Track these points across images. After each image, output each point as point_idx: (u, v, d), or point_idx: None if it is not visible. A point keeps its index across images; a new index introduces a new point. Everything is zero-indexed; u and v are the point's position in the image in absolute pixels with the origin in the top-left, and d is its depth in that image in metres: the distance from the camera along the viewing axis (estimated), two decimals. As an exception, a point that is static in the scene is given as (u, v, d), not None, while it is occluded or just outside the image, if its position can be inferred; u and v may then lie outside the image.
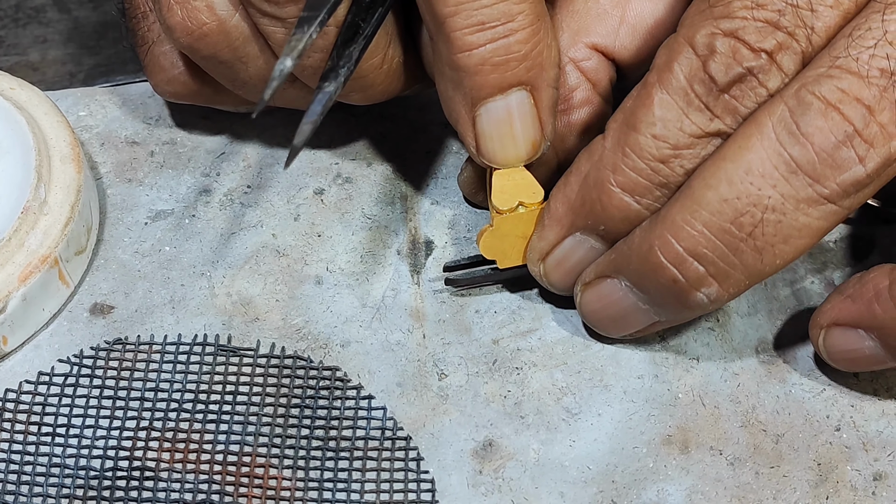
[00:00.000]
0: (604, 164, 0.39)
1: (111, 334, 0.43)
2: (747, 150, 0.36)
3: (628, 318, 0.41)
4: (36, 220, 0.43)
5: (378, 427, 0.41)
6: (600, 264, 0.41)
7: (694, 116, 0.37)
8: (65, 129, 0.45)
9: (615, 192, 0.39)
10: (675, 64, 0.37)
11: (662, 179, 0.38)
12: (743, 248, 0.37)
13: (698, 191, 0.37)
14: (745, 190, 0.36)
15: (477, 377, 0.42)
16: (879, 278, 0.39)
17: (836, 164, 0.36)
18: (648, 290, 0.39)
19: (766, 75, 0.37)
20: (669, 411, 0.42)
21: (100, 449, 0.40)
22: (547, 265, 0.42)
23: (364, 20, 0.39)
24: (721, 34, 0.37)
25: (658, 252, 0.38)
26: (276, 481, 0.40)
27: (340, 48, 0.39)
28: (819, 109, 0.36)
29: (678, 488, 0.40)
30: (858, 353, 0.40)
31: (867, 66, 0.35)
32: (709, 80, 0.37)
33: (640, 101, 0.38)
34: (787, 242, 0.37)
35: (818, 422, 0.41)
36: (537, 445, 0.41)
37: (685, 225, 0.37)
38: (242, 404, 0.41)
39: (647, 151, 0.38)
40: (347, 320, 0.44)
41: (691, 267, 0.37)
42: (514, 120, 0.40)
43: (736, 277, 0.37)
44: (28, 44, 0.51)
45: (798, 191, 0.36)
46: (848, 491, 0.40)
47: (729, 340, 0.43)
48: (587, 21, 0.43)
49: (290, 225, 0.46)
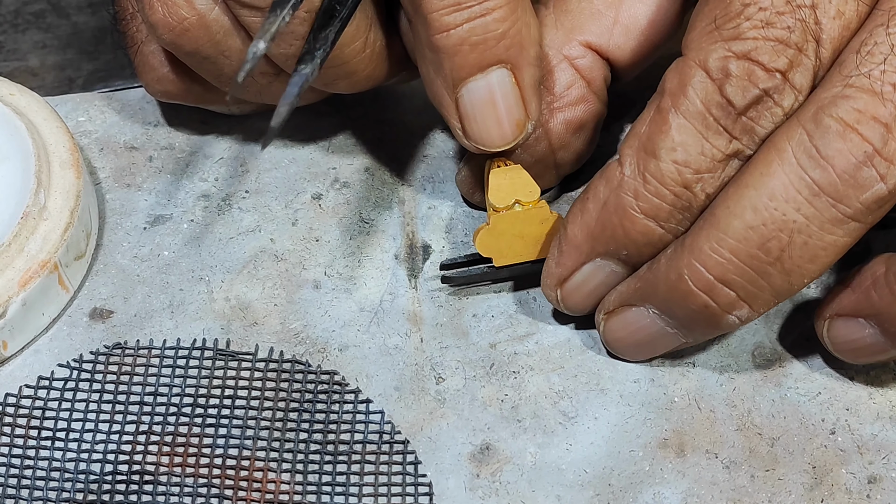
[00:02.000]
0: (625, 190, 0.39)
1: (110, 339, 0.43)
2: (769, 176, 0.36)
3: (655, 343, 0.41)
4: (36, 225, 0.43)
5: (376, 431, 0.41)
6: (624, 294, 0.41)
7: (714, 140, 0.37)
8: (64, 135, 0.45)
9: (638, 218, 0.39)
10: (689, 88, 0.37)
11: (685, 203, 0.38)
12: (771, 272, 0.37)
13: (724, 219, 0.37)
14: (771, 216, 0.36)
15: (474, 381, 0.43)
16: (877, 266, 0.39)
17: (858, 184, 0.36)
18: (677, 315, 0.40)
19: (781, 94, 0.37)
20: (665, 415, 0.42)
21: (99, 453, 0.40)
22: (565, 290, 0.42)
23: (340, 3, 0.39)
24: (734, 56, 0.37)
25: (688, 280, 0.38)
26: (275, 485, 0.40)
27: (317, 32, 0.39)
28: (837, 132, 0.36)
29: (674, 491, 0.40)
30: (860, 342, 0.40)
31: (880, 82, 0.36)
32: (726, 104, 0.37)
33: (657, 127, 0.38)
34: (814, 262, 0.37)
35: (813, 425, 0.42)
36: (534, 449, 0.41)
37: (713, 253, 0.37)
38: (241, 408, 0.42)
39: (668, 177, 0.38)
40: (345, 324, 0.44)
41: (722, 292, 0.38)
42: (496, 99, 0.40)
43: (765, 298, 0.38)
44: (27, 49, 0.51)
45: (822, 212, 0.36)
46: (843, 494, 0.40)
47: (725, 345, 0.43)
48: (581, 20, 0.43)
49: (288, 230, 0.46)
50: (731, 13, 0.37)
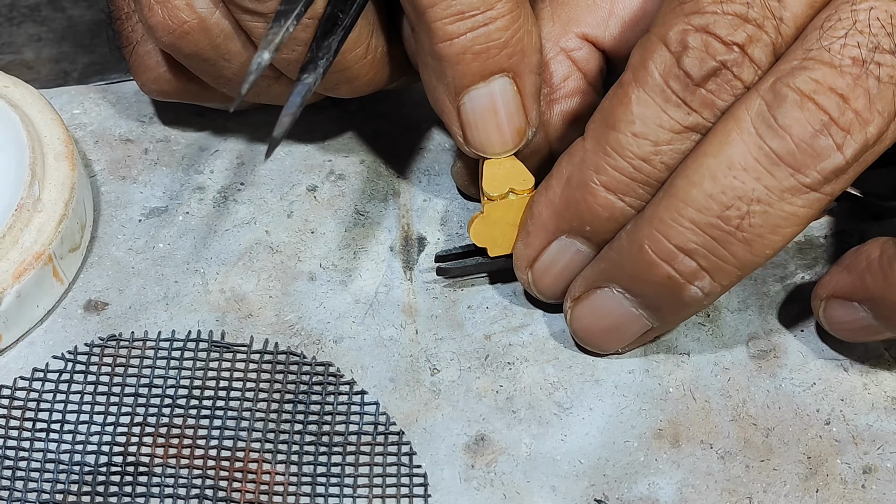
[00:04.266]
0: (586, 164, 0.39)
1: (105, 331, 0.43)
2: (728, 144, 0.37)
3: (622, 328, 0.41)
4: (30, 217, 0.43)
5: (371, 422, 0.41)
6: (588, 277, 0.41)
7: (672, 112, 0.38)
8: (59, 127, 0.45)
9: (599, 192, 0.39)
10: (649, 62, 0.38)
11: (645, 176, 0.38)
12: (732, 241, 0.37)
13: (682, 188, 0.37)
14: (729, 184, 0.37)
15: (469, 372, 0.43)
16: (871, 249, 0.39)
17: (816, 152, 0.36)
18: (643, 291, 0.40)
19: (740, 68, 0.37)
20: (660, 405, 0.42)
21: (94, 445, 0.40)
22: (535, 272, 0.42)
23: (343, 11, 0.39)
24: (692, 29, 0.37)
25: (649, 250, 0.38)
26: (270, 476, 0.40)
27: (320, 40, 0.39)
28: (795, 101, 0.36)
29: (669, 482, 0.40)
30: (855, 323, 0.40)
31: (839, 55, 0.36)
32: (684, 76, 0.37)
33: (618, 100, 0.38)
34: (775, 232, 0.37)
35: (808, 415, 0.42)
36: (529, 440, 0.41)
37: (673, 222, 0.37)
38: (236, 400, 0.42)
39: (628, 149, 0.38)
40: (340, 316, 0.44)
41: (683, 262, 0.38)
42: (497, 107, 0.41)
43: (727, 269, 0.38)
44: (22, 42, 0.51)
45: (781, 181, 0.36)
46: (838, 484, 0.40)
47: (720, 335, 0.43)
48: (577, 12, 0.43)
49: (284, 222, 0.46)
50: None
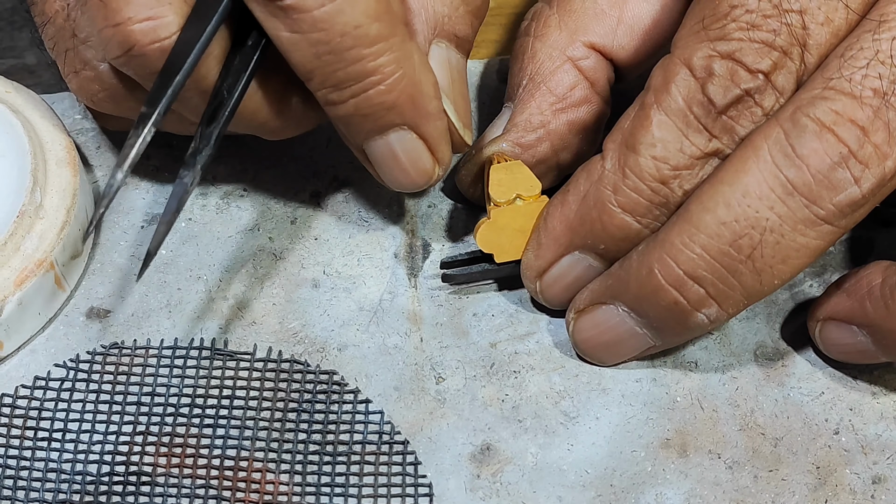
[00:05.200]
0: (604, 184, 0.39)
1: (107, 338, 0.43)
2: (744, 173, 0.36)
3: (623, 344, 0.41)
4: (32, 223, 0.42)
5: (375, 431, 0.41)
6: (595, 291, 0.41)
7: (693, 138, 0.38)
8: (60, 133, 0.45)
9: (616, 212, 0.39)
10: (672, 85, 0.38)
11: (662, 199, 0.38)
12: (742, 270, 0.37)
13: (696, 214, 0.37)
14: (743, 213, 0.36)
15: (474, 381, 0.42)
16: (873, 275, 0.39)
17: (832, 185, 0.36)
18: (647, 313, 0.39)
19: (762, 95, 0.37)
20: (668, 415, 0.41)
21: (96, 454, 0.40)
22: (544, 283, 0.42)
23: (229, 91, 0.39)
24: (718, 56, 0.37)
25: (658, 274, 0.38)
26: (273, 486, 0.40)
27: (203, 126, 0.39)
28: (814, 131, 0.36)
29: (677, 492, 0.40)
30: (852, 347, 0.40)
31: (860, 86, 0.36)
32: (707, 103, 0.37)
33: (639, 123, 0.38)
34: (786, 263, 0.37)
35: (817, 425, 0.41)
36: (535, 449, 0.41)
37: (684, 248, 0.37)
38: (239, 408, 0.41)
39: (647, 172, 0.38)
40: (344, 324, 0.43)
41: (692, 289, 0.38)
42: (397, 154, 0.41)
43: (735, 298, 0.38)
44: (24, 47, 0.51)
45: (795, 212, 0.36)
46: (847, 494, 0.40)
47: (727, 344, 0.43)
48: (585, 20, 0.43)
49: (287, 228, 0.46)
50: (718, 14, 0.37)
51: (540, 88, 0.43)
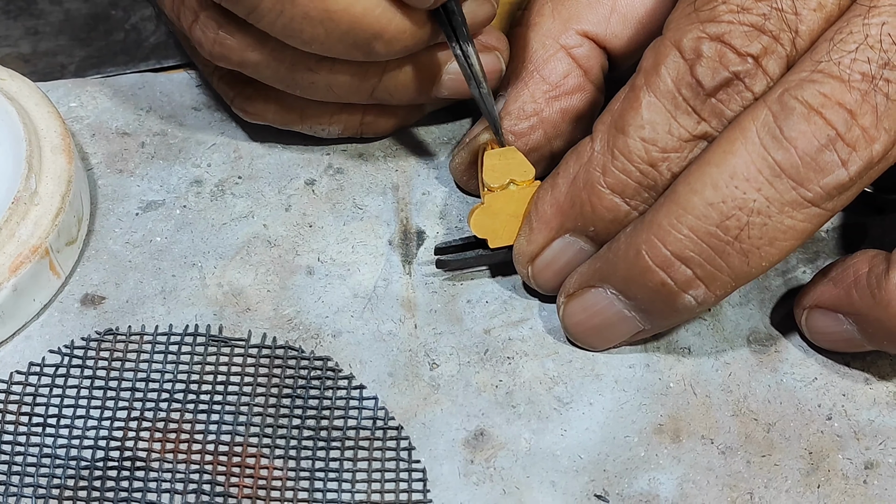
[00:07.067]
0: (593, 165, 0.39)
1: (102, 325, 0.43)
2: (732, 154, 0.36)
3: (613, 328, 0.41)
4: (27, 210, 0.42)
5: (369, 417, 0.41)
6: (584, 274, 0.41)
7: (682, 119, 0.38)
8: (56, 120, 0.45)
9: (605, 194, 0.39)
10: (661, 67, 0.38)
11: (650, 181, 0.38)
12: (729, 251, 0.37)
13: (684, 195, 0.37)
14: (731, 194, 0.36)
15: (468, 367, 0.42)
16: (860, 264, 0.39)
17: (820, 167, 0.36)
18: (636, 295, 0.39)
19: (752, 79, 0.37)
20: (661, 400, 0.42)
21: (91, 439, 0.40)
22: (535, 267, 0.42)
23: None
24: (707, 38, 0.37)
25: (645, 256, 0.38)
26: (268, 471, 0.40)
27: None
28: (802, 114, 0.36)
29: (669, 477, 0.40)
30: (838, 335, 0.41)
31: (849, 70, 0.36)
32: (696, 84, 0.37)
33: (628, 104, 0.38)
34: (773, 245, 0.37)
35: (809, 411, 0.41)
36: (529, 435, 0.41)
37: (672, 229, 0.37)
38: (234, 394, 0.41)
39: (635, 154, 0.38)
40: (339, 310, 0.44)
41: (679, 270, 0.38)
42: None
43: (723, 280, 0.38)
44: (19, 35, 0.51)
45: (782, 194, 0.36)
46: (839, 479, 0.40)
47: (720, 330, 0.43)
48: (578, 9, 0.43)
49: (282, 215, 0.46)
50: None
51: (533, 76, 0.44)
